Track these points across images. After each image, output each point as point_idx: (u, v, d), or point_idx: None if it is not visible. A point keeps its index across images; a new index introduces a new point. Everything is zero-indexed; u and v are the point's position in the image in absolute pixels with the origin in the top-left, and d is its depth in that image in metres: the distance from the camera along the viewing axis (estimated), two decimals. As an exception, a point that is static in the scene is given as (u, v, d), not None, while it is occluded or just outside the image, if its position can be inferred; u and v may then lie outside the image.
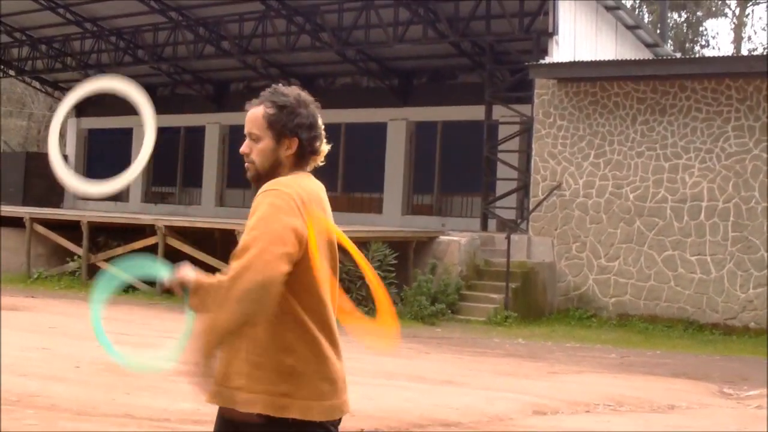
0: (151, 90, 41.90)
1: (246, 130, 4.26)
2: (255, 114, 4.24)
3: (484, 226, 27.24)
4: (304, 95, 4.30)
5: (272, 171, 4.23)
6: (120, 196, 41.72)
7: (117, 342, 4.25)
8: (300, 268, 4.00)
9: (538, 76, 25.20)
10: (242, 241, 3.93)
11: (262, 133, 4.22)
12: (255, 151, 4.24)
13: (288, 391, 4.02)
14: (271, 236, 3.87)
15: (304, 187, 4.13)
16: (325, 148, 4.37)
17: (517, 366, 16.42)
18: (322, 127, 4.33)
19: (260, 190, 4.08)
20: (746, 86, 22.75)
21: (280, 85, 4.34)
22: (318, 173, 4.40)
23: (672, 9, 56.20)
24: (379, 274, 22.60)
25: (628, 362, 17.74)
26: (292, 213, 3.96)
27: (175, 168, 40.70)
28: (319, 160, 4.37)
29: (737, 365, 17.57)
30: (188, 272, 4.16)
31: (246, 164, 4.30)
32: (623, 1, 30.59)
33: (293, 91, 4.28)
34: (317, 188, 4.27)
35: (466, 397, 12.53)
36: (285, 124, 4.19)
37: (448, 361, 16.59)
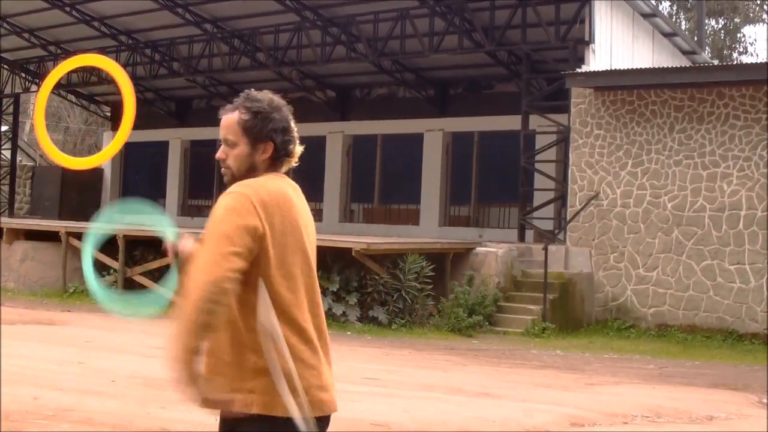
0: (186, 102, 42.10)
1: (221, 136, 4.36)
2: (230, 120, 4.35)
3: (522, 237, 27.07)
4: (277, 100, 4.40)
5: (248, 175, 4.32)
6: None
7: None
8: (259, 266, 4.11)
9: (574, 84, 25.06)
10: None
11: (238, 139, 4.32)
12: (231, 156, 4.34)
13: (254, 388, 4.09)
14: (218, 237, 4.01)
15: (269, 188, 4.20)
16: (298, 149, 4.46)
17: (554, 378, 16.31)
18: (295, 129, 4.43)
19: (222, 194, 4.21)
20: (785, 93, 22.59)
21: (252, 90, 4.43)
22: (355, 185, 4.37)
23: (709, 16, 55.97)
24: (416, 286, 22.57)
25: (667, 373, 17.60)
26: (245, 213, 4.07)
27: (211, 181, 40.75)
28: (293, 162, 4.46)
29: (778, 375, 17.39)
30: (187, 244, 4.40)
31: (222, 169, 4.40)
32: (660, 9, 30.42)
33: (266, 96, 4.38)
34: (287, 188, 4.33)
35: (503, 409, 12.45)
36: (260, 129, 4.30)
37: (485, 373, 16.50)
